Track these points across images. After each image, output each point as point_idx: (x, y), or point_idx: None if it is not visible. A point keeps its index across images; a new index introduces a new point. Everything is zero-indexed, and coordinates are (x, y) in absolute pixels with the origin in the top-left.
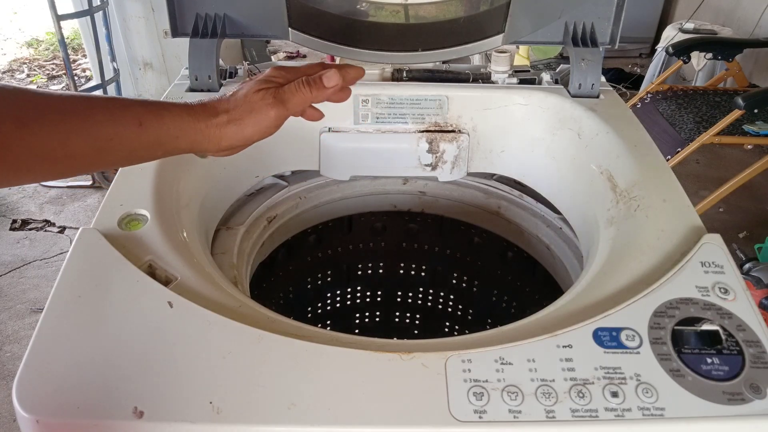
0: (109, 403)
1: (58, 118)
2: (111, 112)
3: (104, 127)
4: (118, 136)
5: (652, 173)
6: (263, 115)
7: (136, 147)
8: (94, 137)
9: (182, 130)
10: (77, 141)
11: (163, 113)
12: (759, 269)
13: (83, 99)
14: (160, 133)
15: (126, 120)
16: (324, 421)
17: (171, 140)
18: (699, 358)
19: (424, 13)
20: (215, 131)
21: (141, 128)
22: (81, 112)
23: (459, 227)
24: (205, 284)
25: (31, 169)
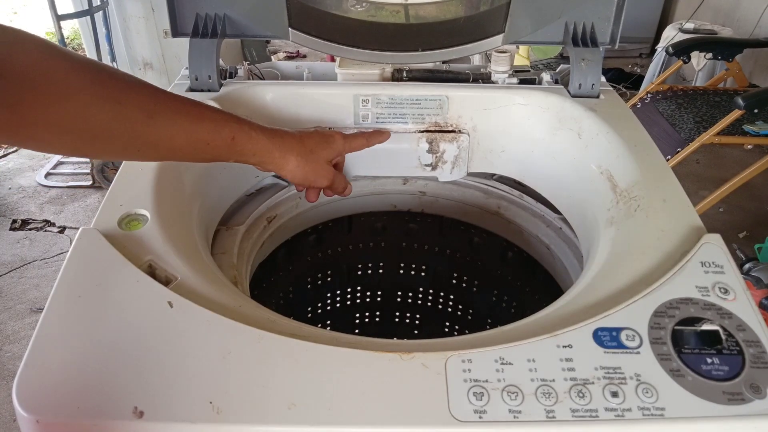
0: (109, 403)
1: (175, 117)
2: (215, 123)
3: (206, 133)
4: (213, 143)
5: (652, 173)
6: (324, 154)
7: (221, 154)
8: (195, 139)
9: (260, 153)
10: (182, 138)
11: (252, 134)
12: (759, 269)
13: (195, 105)
14: (245, 150)
15: (224, 133)
16: (324, 421)
17: (248, 156)
18: (699, 358)
19: (424, 13)
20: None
21: (233, 142)
22: (193, 116)
23: (459, 227)
24: (205, 284)
25: (140, 151)
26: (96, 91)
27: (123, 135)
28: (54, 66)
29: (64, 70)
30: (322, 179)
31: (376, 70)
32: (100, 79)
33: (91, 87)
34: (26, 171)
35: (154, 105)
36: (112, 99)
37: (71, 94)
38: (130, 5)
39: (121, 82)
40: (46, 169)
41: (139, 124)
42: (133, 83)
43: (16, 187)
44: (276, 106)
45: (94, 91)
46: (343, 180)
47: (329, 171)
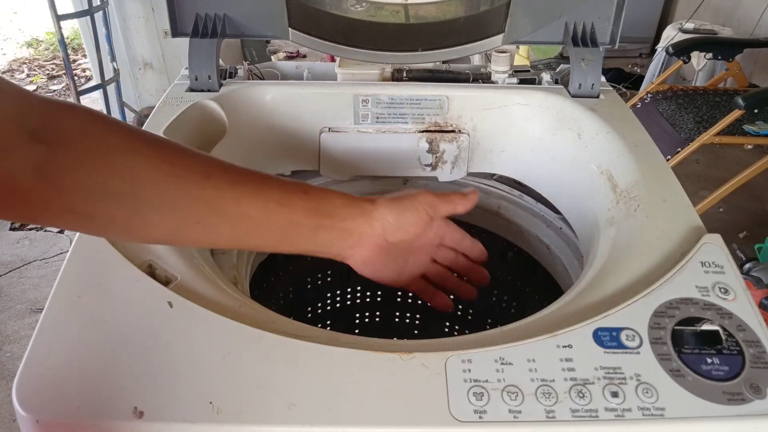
0: (109, 403)
1: (237, 178)
2: (281, 181)
3: (276, 191)
4: (284, 200)
5: (652, 173)
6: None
7: (297, 217)
8: (265, 199)
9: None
10: (250, 200)
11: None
12: (759, 269)
13: (254, 171)
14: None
15: (293, 187)
16: (324, 421)
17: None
18: (699, 358)
19: (424, 13)
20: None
21: (306, 197)
22: (257, 177)
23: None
24: (205, 284)
25: (201, 222)
26: (145, 152)
27: (178, 200)
28: (101, 129)
29: (112, 132)
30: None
31: (376, 70)
32: (150, 140)
33: (140, 149)
34: None
35: (211, 166)
36: (163, 160)
37: (118, 155)
38: (130, 5)
39: (172, 145)
40: None
41: (197, 186)
42: (185, 148)
43: None
44: (276, 106)
45: (144, 153)
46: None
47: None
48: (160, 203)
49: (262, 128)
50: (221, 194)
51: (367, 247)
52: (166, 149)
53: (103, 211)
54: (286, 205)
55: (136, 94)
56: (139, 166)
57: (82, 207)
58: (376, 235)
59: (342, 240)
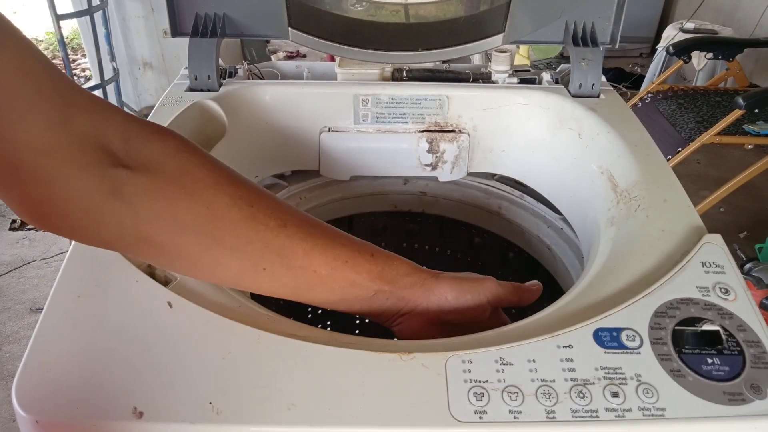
0: (108, 403)
1: (310, 230)
2: (351, 240)
3: (344, 250)
4: (352, 260)
5: (652, 173)
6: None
7: (361, 277)
8: (333, 256)
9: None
10: (318, 254)
11: (393, 255)
12: (759, 269)
13: (327, 225)
14: (386, 271)
15: (363, 249)
16: (324, 421)
17: (392, 277)
18: (699, 359)
19: (425, 13)
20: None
21: (373, 259)
22: (328, 232)
23: (460, 227)
24: (205, 284)
25: (268, 269)
26: (228, 189)
27: (251, 243)
28: (186, 159)
29: (196, 163)
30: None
31: (376, 70)
32: (234, 178)
33: (223, 185)
34: None
35: (288, 215)
36: (244, 200)
37: (200, 189)
38: (130, 5)
39: (253, 186)
40: None
41: (271, 233)
42: (263, 191)
43: None
44: (276, 106)
45: (226, 190)
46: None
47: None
48: (234, 244)
49: (262, 128)
50: (293, 245)
51: (418, 320)
52: (247, 189)
53: (175, 244)
54: (353, 266)
55: (135, 94)
56: (220, 203)
57: (156, 236)
58: (430, 311)
59: (396, 308)
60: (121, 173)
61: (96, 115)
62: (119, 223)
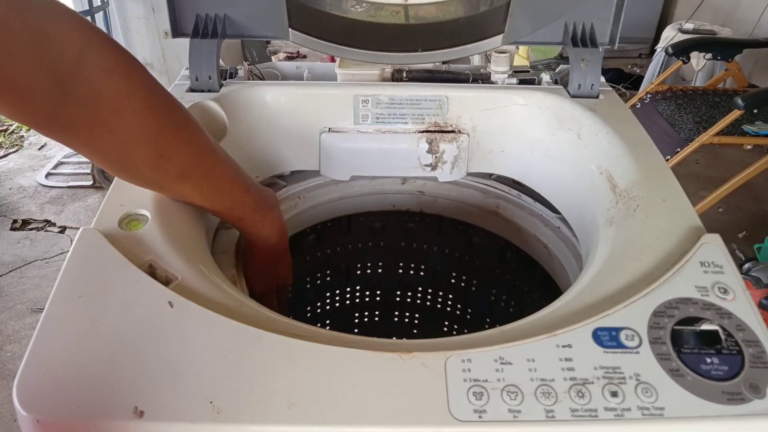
0: (109, 403)
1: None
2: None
3: (221, 207)
4: (224, 215)
5: (651, 173)
6: None
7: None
8: (211, 207)
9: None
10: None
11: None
12: (758, 269)
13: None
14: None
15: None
16: (324, 421)
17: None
18: (698, 358)
19: (424, 14)
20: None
21: (240, 221)
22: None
23: (458, 227)
24: (205, 284)
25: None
26: (147, 137)
27: (152, 182)
28: (121, 103)
29: (131, 109)
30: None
31: (376, 71)
32: (159, 128)
33: (145, 132)
34: (27, 171)
35: (192, 168)
36: (157, 151)
37: (122, 133)
38: (131, 6)
39: (177, 134)
40: (47, 169)
41: (170, 179)
42: (186, 139)
43: (16, 187)
44: (276, 107)
45: (145, 137)
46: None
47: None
48: (140, 175)
49: (263, 128)
50: (185, 191)
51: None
52: (167, 140)
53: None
54: (228, 208)
55: None
56: (136, 149)
57: (82, 152)
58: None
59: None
60: (63, 99)
61: (57, 44)
62: (57, 135)
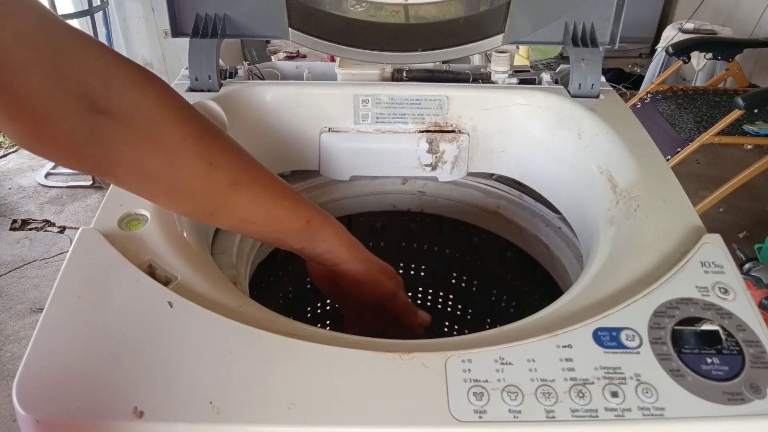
0: (109, 403)
1: (258, 189)
2: (294, 203)
3: (284, 211)
4: (288, 222)
5: (652, 173)
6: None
7: (291, 235)
8: (273, 216)
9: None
10: (260, 212)
11: (326, 220)
12: (759, 269)
13: (278, 181)
14: (316, 236)
15: (301, 214)
16: (324, 421)
17: (317, 244)
18: (699, 358)
19: (424, 13)
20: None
21: (307, 225)
22: (275, 191)
23: (458, 227)
24: (205, 284)
25: (214, 215)
26: (191, 146)
27: (204, 195)
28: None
29: (167, 118)
30: (376, 294)
31: (376, 70)
32: (199, 134)
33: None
34: (26, 171)
35: (242, 173)
36: (204, 158)
37: (166, 143)
38: (130, 5)
39: (216, 141)
40: (46, 169)
41: (223, 189)
42: (227, 146)
43: (16, 187)
44: (276, 106)
45: (189, 146)
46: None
47: (382, 293)
48: (189, 193)
49: (263, 128)
50: (239, 202)
51: (324, 271)
52: (209, 146)
53: (139, 185)
54: (288, 226)
55: None
56: (182, 158)
57: (123, 175)
58: (334, 272)
59: (313, 259)
60: (99, 119)
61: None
62: (94, 161)
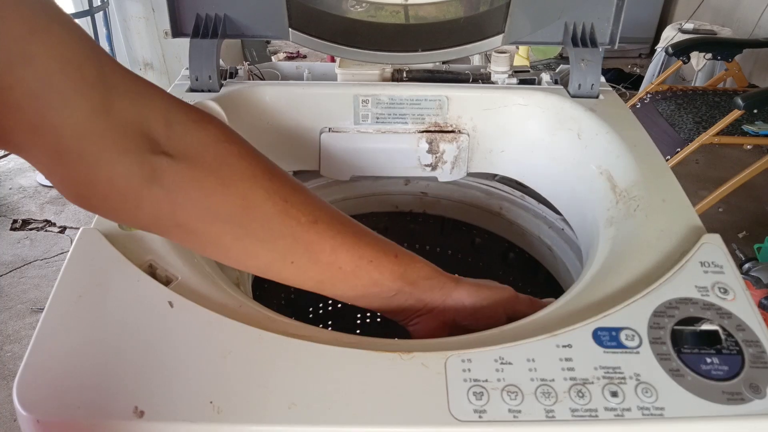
0: (109, 403)
1: (339, 228)
2: (377, 240)
3: (370, 249)
4: (376, 260)
5: (651, 173)
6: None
7: (384, 276)
8: (359, 255)
9: (427, 274)
10: (345, 252)
11: (416, 257)
12: (758, 269)
13: (356, 222)
14: (409, 271)
15: (388, 250)
16: (324, 421)
17: (412, 278)
18: (698, 358)
19: (424, 14)
20: (455, 285)
21: (396, 260)
22: (356, 230)
23: (460, 228)
24: (206, 284)
25: (296, 262)
26: (264, 183)
27: (282, 238)
28: (226, 150)
29: (236, 156)
30: (498, 307)
31: (376, 71)
32: (270, 172)
33: (259, 178)
34: (27, 171)
35: (320, 211)
36: (278, 195)
37: (236, 181)
38: (131, 6)
39: (288, 180)
40: None
41: (302, 228)
42: (299, 185)
43: (16, 187)
44: (276, 107)
45: (262, 183)
46: None
47: (506, 301)
48: (266, 237)
49: (263, 128)
50: (322, 241)
51: (434, 321)
52: (283, 184)
53: (209, 232)
54: (377, 265)
55: None
56: (256, 196)
57: (191, 223)
58: (447, 314)
59: (414, 309)
60: (161, 160)
61: (139, 100)
62: (156, 208)
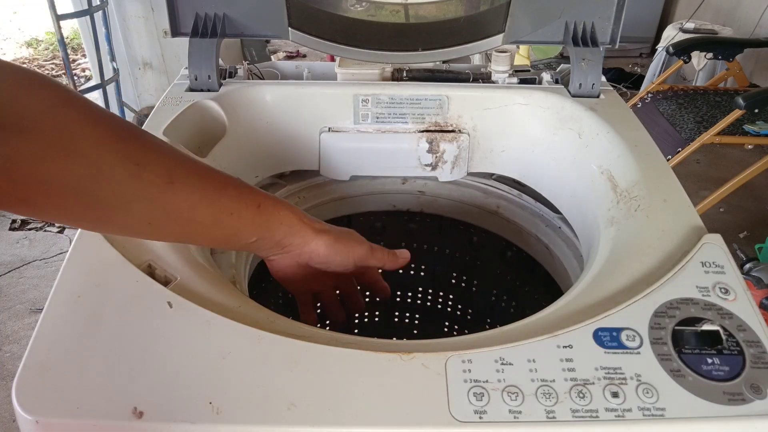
0: (109, 403)
1: (197, 183)
2: (239, 191)
3: (230, 201)
4: (237, 212)
5: (652, 173)
6: (355, 243)
7: (246, 226)
8: (219, 209)
9: (288, 223)
10: (204, 208)
11: (278, 204)
12: (759, 269)
13: (218, 172)
14: (271, 220)
15: (249, 200)
16: (324, 421)
17: (275, 228)
18: (699, 359)
19: (424, 13)
20: (314, 235)
21: (258, 210)
22: (216, 183)
23: (458, 227)
24: (205, 284)
25: (153, 224)
26: (113, 147)
27: (137, 201)
28: (65, 115)
29: (77, 121)
30: (350, 259)
31: (376, 70)
32: (118, 134)
33: (107, 142)
34: None
35: (175, 169)
36: (129, 159)
37: (81, 148)
38: (130, 5)
39: (141, 140)
40: None
41: (157, 190)
42: (154, 144)
43: None
44: (276, 106)
45: (109, 148)
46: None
47: (358, 255)
48: (118, 203)
49: (262, 128)
50: (179, 200)
51: (290, 261)
52: (134, 145)
53: (56, 204)
54: (238, 217)
55: (135, 94)
56: (104, 162)
57: (34, 197)
58: (302, 256)
59: (273, 249)
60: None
61: None
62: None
